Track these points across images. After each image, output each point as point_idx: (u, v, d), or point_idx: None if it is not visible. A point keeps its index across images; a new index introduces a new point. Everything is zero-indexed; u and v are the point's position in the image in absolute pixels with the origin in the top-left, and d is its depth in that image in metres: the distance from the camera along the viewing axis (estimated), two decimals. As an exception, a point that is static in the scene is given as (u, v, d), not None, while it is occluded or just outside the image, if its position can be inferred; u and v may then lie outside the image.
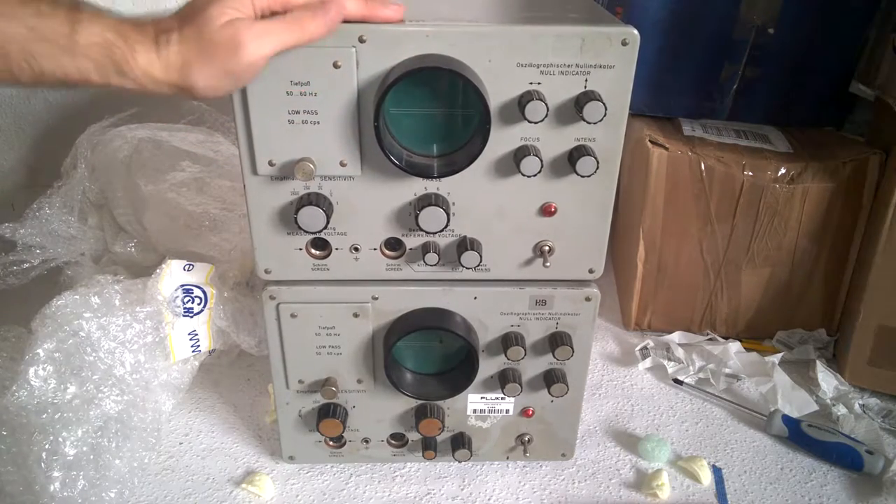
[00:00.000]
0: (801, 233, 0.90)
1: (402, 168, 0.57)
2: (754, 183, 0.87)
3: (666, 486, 0.74)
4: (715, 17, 0.90)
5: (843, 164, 0.87)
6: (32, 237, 0.89)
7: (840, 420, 0.83)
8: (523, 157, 0.57)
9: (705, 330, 0.97)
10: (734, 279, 0.94)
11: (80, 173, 0.96)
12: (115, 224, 0.99)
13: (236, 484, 0.74)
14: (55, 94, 1.19)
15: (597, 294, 0.67)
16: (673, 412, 0.86)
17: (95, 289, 0.77)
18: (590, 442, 0.81)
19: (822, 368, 0.88)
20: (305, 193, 0.60)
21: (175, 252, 0.89)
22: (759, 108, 0.95)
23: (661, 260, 0.94)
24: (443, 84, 0.57)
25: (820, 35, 0.90)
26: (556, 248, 0.64)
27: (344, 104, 0.56)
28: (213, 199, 0.95)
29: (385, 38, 0.54)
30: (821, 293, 0.94)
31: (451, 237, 0.63)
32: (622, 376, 0.92)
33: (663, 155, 0.88)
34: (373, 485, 0.75)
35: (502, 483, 0.75)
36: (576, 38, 0.54)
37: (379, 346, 0.68)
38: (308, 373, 0.70)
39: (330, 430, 0.71)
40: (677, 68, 0.93)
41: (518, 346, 0.67)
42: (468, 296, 0.66)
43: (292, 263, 0.64)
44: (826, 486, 0.75)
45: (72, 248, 0.92)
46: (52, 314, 0.73)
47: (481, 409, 0.73)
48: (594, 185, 0.60)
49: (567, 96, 0.56)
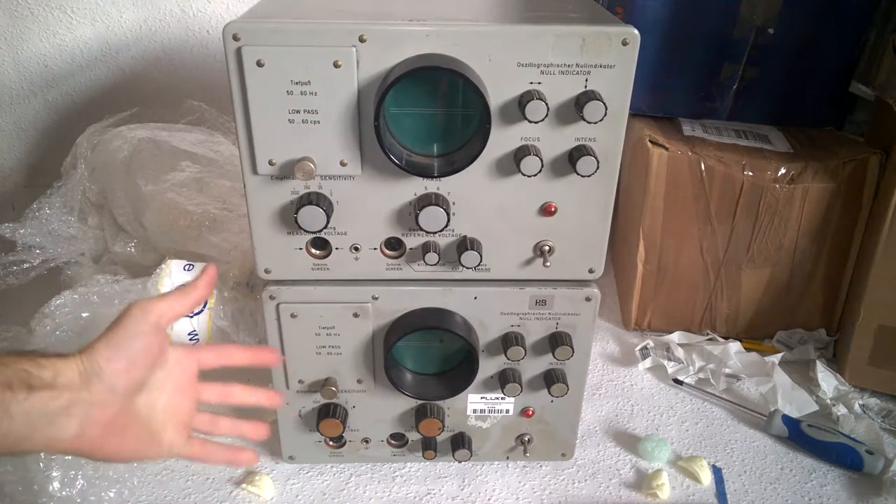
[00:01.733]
0: (801, 233, 0.90)
1: (403, 168, 0.57)
2: (754, 183, 0.87)
3: (666, 486, 0.74)
4: (715, 17, 0.90)
5: (843, 164, 0.87)
6: (32, 237, 0.89)
7: (840, 420, 0.83)
8: (523, 156, 0.57)
9: (705, 330, 0.97)
10: (734, 279, 0.94)
11: (80, 173, 0.96)
12: (115, 224, 0.99)
13: (236, 484, 0.74)
14: (55, 94, 1.19)
15: (597, 294, 0.67)
16: (673, 412, 0.86)
17: (95, 289, 0.77)
18: (590, 442, 0.81)
19: (822, 368, 0.88)
20: (305, 193, 0.60)
21: (175, 252, 0.89)
22: (759, 108, 0.95)
23: (661, 260, 0.94)
24: (443, 84, 0.57)
25: (820, 35, 0.90)
26: (556, 248, 0.64)
27: (344, 104, 0.56)
28: (213, 199, 0.95)
29: (385, 38, 0.54)
30: (821, 293, 0.94)
31: (451, 237, 0.63)
32: (622, 376, 0.92)
33: (663, 155, 0.88)
34: (373, 485, 0.75)
35: (502, 483, 0.75)
36: (576, 38, 0.54)
37: (379, 346, 0.68)
38: (308, 373, 0.70)
39: (330, 430, 0.71)
40: (677, 68, 0.93)
41: (518, 346, 0.67)
42: (468, 296, 0.66)
43: (292, 263, 0.64)
44: (826, 486, 0.75)
45: (72, 248, 0.92)
46: (52, 314, 0.74)
47: (481, 409, 0.73)
48: (594, 184, 0.60)
49: (567, 96, 0.56)
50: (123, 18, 1.14)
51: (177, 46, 1.17)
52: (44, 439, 0.49)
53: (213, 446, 0.63)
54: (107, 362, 0.51)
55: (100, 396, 0.50)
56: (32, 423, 0.47)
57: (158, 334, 0.55)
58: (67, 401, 0.49)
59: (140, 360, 0.53)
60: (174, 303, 0.57)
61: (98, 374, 0.50)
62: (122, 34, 1.15)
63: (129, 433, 0.54)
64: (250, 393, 0.63)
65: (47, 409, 0.48)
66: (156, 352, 0.55)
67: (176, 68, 1.19)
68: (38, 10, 1.12)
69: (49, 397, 0.48)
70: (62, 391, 0.48)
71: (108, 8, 1.13)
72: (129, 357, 0.52)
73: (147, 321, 0.54)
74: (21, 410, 0.46)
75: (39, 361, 0.48)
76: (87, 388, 0.50)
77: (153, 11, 1.14)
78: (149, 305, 0.55)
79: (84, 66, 1.17)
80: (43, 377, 0.48)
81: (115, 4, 1.13)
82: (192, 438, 0.60)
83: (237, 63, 0.54)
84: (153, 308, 0.55)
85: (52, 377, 0.48)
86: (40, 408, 0.47)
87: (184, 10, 1.15)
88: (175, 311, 0.57)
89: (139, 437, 0.55)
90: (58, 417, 0.48)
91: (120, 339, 0.52)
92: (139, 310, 0.54)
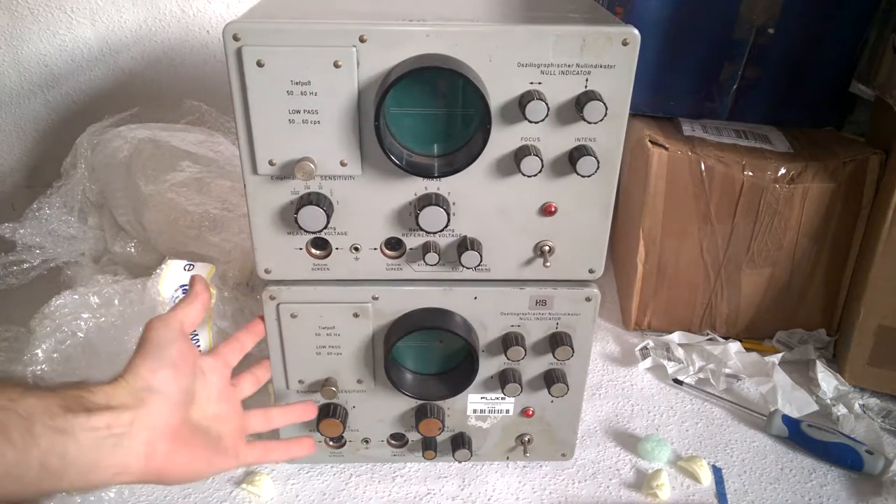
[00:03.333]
0: (801, 233, 0.90)
1: (403, 168, 0.57)
2: (754, 183, 0.87)
3: (666, 486, 0.74)
4: (715, 17, 0.90)
5: (843, 164, 0.87)
6: (32, 237, 0.89)
7: (840, 420, 0.83)
8: (524, 156, 0.57)
9: (705, 330, 0.97)
10: (734, 279, 0.94)
11: (80, 173, 0.96)
12: (115, 224, 0.99)
13: (236, 484, 0.74)
14: (55, 94, 1.19)
15: (597, 294, 0.67)
16: (673, 412, 0.86)
17: (95, 289, 0.77)
18: (590, 442, 0.81)
19: (822, 368, 0.88)
20: (306, 193, 0.60)
21: (175, 252, 0.89)
22: (759, 108, 0.95)
23: (661, 260, 0.94)
24: (443, 84, 0.57)
25: (820, 35, 0.90)
26: (557, 248, 0.64)
27: (344, 104, 0.56)
28: (213, 199, 0.95)
29: (385, 38, 0.54)
30: (821, 293, 0.94)
31: (452, 237, 0.63)
32: (622, 376, 0.92)
33: (663, 155, 0.88)
34: (373, 485, 0.75)
35: (502, 483, 0.75)
36: (576, 38, 0.54)
37: (379, 346, 0.68)
38: (308, 373, 0.70)
39: (330, 430, 0.71)
40: (677, 68, 0.93)
41: (518, 346, 0.67)
42: (468, 296, 0.66)
43: (292, 263, 0.64)
44: (826, 486, 0.75)
45: (72, 248, 0.92)
46: (51, 314, 0.73)
47: (481, 410, 0.73)
48: (594, 184, 0.60)
49: (567, 96, 0.56)
50: (123, 18, 1.14)
51: (177, 46, 1.17)
52: (113, 467, 0.47)
53: (274, 444, 0.65)
54: (151, 374, 0.51)
55: (157, 409, 0.50)
56: (99, 446, 0.46)
57: (186, 340, 0.56)
58: (129, 419, 0.47)
59: (181, 364, 0.54)
60: (188, 309, 0.58)
61: (148, 388, 0.50)
62: (122, 34, 1.15)
63: (195, 447, 0.54)
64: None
65: (112, 431, 0.46)
66: (191, 358, 0.56)
67: (176, 68, 1.19)
68: (38, 10, 1.12)
69: (111, 417, 0.46)
70: (121, 411, 0.47)
71: (108, 8, 1.13)
72: (170, 363, 0.52)
73: (172, 329, 0.55)
74: (85, 433, 0.44)
75: (89, 388, 0.47)
76: (143, 404, 0.49)
77: (153, 11, 1.14)
78: (168, 317, 0.56)
79: (84, 66, 1.17)
80: (97, 401, 0.47)
81: (115, 4, 1.13)
82: (251, 442, 0.62)
83: (237, 63, 0.54)
84: (172, 318, 0.56)
85: (106, 400, 0.47)
86: (104, 429, 0.46)
87: (184, 10, 1.15)
88: (191, 317, 0.58)
89: (206, 450, 0.55)
90: (123, 439, 0.47)
91: (154, 350, 0.53)
92: (161, 322, 0.55)
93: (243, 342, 0.65)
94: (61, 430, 0.44)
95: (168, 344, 0.54)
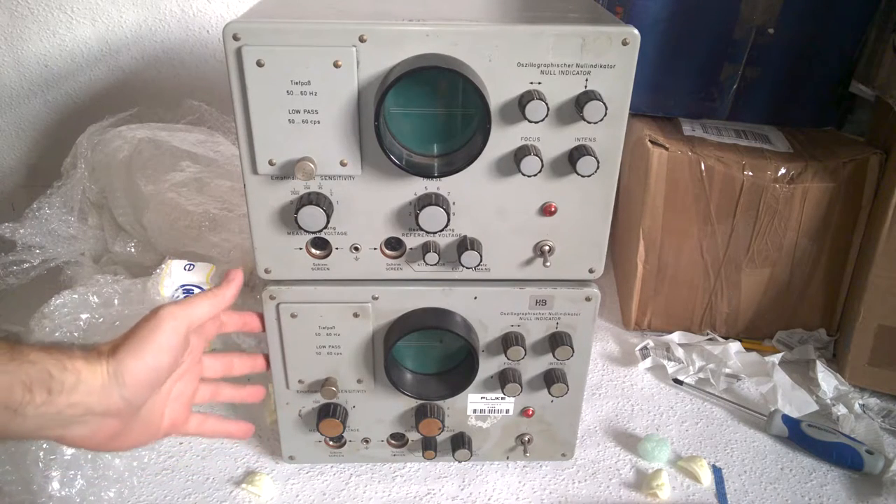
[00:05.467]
0: (801, 233, 0.90)
1: (403, 168, 0.57)
2: (754, 183, 0.87)
3: (666, 486, 0.74)
4: (715, 17, 0.90)
5: (843, 164, 0.87)
6: (32, 237, 0.89)
7: (840, 420, 0.83)
8: (523, 156, 0.57)
9: (705, 330, 0.97)
10: (734, 279, 0.94)
11: (80, 173, 0.96)
12: (115, 224, 0.99)
13: (236, 484, 0.74)
14: (55, 94, 1.19)
15: (597, 294, 0.67)
16: (673, 412, 0.86)
17: (94, 289, 0.77)
18: (590, 442, 0.81)
19: (822, 368, 0.88)
20: (306, 193, 0.60)
21: (175, 252, 0.89)
22: (759, 108, 0.95)
23: (661, 260, 0.94)
24: (443, 84, 0.57)
25: (820, 35, 0.90)
26: (557, 248, 0.64)
27: (344, 104, 0.56)
28: (213, 199, 0.95)
29: (385, 38, 0.54)
30: (821, 293, 0.94)
31: (452, 237, 0.63)
32: (622, 376, 0.92)
33: (663, 155, 0.88)
34: (373, 485, 0.75)
35: (502, 483, 0.75)
36: (576, 38, 0.54)
37: (379, 346, 0.68)
38: (308, 373, 0.70)
39: (330, 430, 0.71)
40: (677, 68, 0.93)
41: (518, 346, 0.67)
42: (468, 296, 0.66)
43: (292, 263, 0.64)
44: (826, 486, 0.75)
45: (72, 248, 0.92)
46: (51, 314, 0.73)
47: (481, 409, 0.73)
48: (594, 184, 0.60)
49: (567, 96, 0.56)
50: (123, 18, 1.14)
51: (177, 46, 1.17)
52: (51, 436, 0.49)
53: (212, 419, 0.64)
54: (132, 377, 0.50)
55: (116, 407, 0.50)
56: (44, 425, 0.47)
57: (187, 345, 0.55)
58: (83, 410, 0.48)
59: (164, 375, 0.53)
60: (206, 306, 0.57)
61: (120, 387, 0.50)
62: (122, 34, 1.15)
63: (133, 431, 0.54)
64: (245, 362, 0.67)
65: (62, 416, 0.47)
66: (179, 363, 0.55)
67: (176, 68, 1.19)
68: (38, 10, 1.12)
69: (66, 405, 0.47)
70: (80, 400, 0.48)
71: (108, 8, 1.13)
72: (155, 375, 0.52)
73: (178, 333, 0.53)
74: (36, 414, 0.46)
75: (64, 363, 0.47)
76: (107, 398, 0.49)
77: (153, 11, 1.14)
78: (180, 312, 0.54)
79: (84, 66, 1.17)
80: (65, 382, 0.47)
81: (115, 4, 1.13)
82: (192, 415, 0.61)
83: (237, 63, 0.54)
84: (184, 316, 0.54)
85: (74, 383, 0.47)
86: (55, 413, 0.47)
87: (184, 10, 1.15)
88: (203, 319, 0.57)
89: (142, 432, 0.56)
90: (70, 423, 0.48)
91: (149, 354, 0.52)
92: (169, 316, 0.53)
93: (228, 322, 0.65)
94: (13, 409, 0.45)
95: (166, 351, 0.52)
